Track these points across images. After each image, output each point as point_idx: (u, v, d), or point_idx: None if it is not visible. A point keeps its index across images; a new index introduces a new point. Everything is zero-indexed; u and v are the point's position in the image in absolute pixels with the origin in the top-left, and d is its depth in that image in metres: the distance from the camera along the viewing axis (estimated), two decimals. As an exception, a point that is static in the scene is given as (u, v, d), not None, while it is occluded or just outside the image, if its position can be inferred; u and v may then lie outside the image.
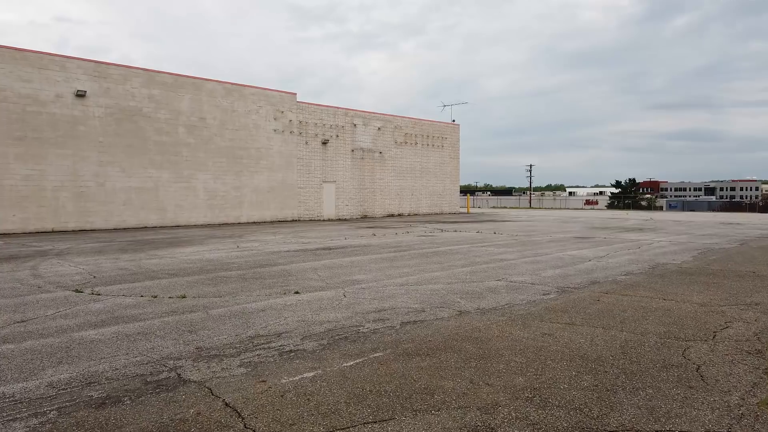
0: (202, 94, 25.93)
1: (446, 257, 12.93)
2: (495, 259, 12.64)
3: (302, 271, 10.60)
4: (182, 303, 7.56)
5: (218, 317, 6.74)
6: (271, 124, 28.72)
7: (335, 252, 13.99)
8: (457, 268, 11.15)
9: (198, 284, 9.12)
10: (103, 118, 22.80)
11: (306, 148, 30.45)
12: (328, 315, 6.88)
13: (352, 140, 33.00)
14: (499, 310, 7.23)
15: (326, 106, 31.62)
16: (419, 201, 37.79)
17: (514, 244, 16.43)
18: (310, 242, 16.75)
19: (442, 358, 5.15)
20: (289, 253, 13.82)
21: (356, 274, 10.30)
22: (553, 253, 13.82)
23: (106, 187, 22.94)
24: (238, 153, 27.40)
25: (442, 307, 7.36)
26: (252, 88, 28.04)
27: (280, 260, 12.31)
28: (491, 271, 10.64)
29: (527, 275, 10.20)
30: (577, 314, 6.98)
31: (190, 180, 25.61)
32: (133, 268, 11.01)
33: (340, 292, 8.40)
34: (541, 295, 8.23)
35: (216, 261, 12.20)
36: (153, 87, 24.29)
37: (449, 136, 40.07)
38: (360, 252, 13.99)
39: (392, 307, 7.33)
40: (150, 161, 24.24)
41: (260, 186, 28.35)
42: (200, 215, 25.96)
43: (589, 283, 9.35)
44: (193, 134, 25.67)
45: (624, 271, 10.84)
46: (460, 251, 14.24)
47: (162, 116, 24.58)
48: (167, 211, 24.81)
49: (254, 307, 7.30)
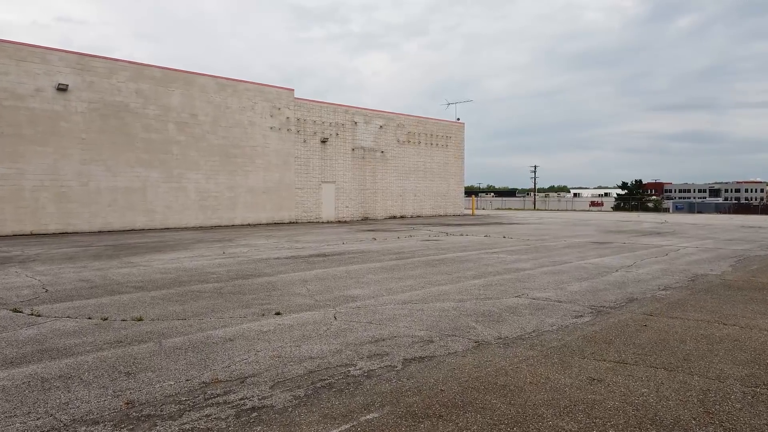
0: (193, 89, 24.55)
1: (454, 266, 11.50)
2: (509, 268, 11.21)
3: (289, 284, 9.18)
4: (134, 329, 6.15)
5: (172, 350, 5.33)
6: (267, 122, 27.31)
7: (330, 260, 12.57)
8: (468, 279, 9.73)
9: (164, 301, 7.71)
10: (86, 114, 21.43)
11: (304, 146, 29.05)
12: (312, 347, 5.47)
13: (352, 139, 31.59)
14: (525, 339, 5.81)
15: (325, 103, 30.21)
16: (422, 202, 36.35)
17: (528, 250, 14.99)
18: (304, 248, 15.34)
19: (461, 422, 3.73)
20: (279, 260, 12.40)
21: (352, 287, 8.88)
22: (573, 262, 12.38)
23: (89, 187, 21.55)
24: (232, 151, 26.00)
25: (454, 336, 5.94)
26: (247, 83, 26.64)
27: (266, 269, 10.90)
28: (508, 284, 9.21)
29: (550, 290, 8.77)
30: (626, 347, 5.55)
31: (181, 180, 24.22)
32: (97, 280, 9.61)
33: (330, 313, 6.99)
34: (574, 318, 6.80)
35: (195, 270, 10.79)
36: (141, 81, 22.91)
37: (454, 135, 38.62)
38: (358, 259, 12.58)
39: (393, 336, 5.92)
40: (137, 160, 22.85)
41: (255, 186, 26.94)
42: (191, 217, 24.57)
43: (626, 301, 7.91)
44: (184, 131, 24.29)
45: (661, 284, 9.40)
46: (469, 258, 12.82)
47: (150, 112, 23.20)
48: (156, 213, 23.43)
49: (221, 335, 5.89)
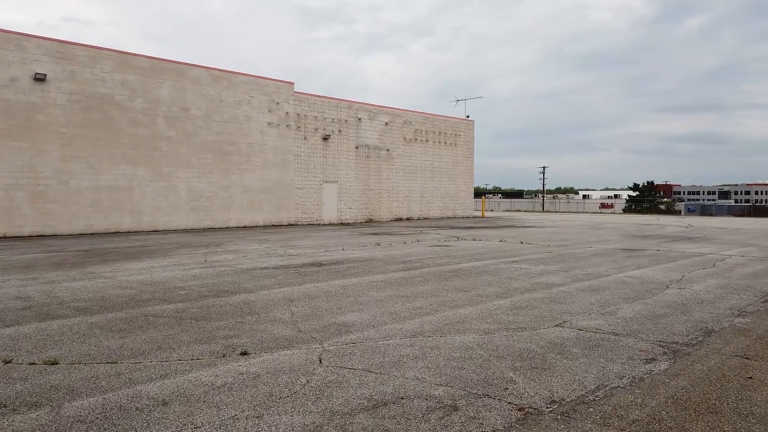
0: (185, 81, 22.84)
1: (471, 280, 9.70)
2: (538, 283, 9.41)
3: (270, 305, 7.42)
4: (37, 380, 4.39)
5: (68, 426, 3.56)
6: (265, 117, 25.58)
7: (326, 270, 10.80)
8: (491, 299, 7.93)
9: (102, 331, 5.95)
10: (66, 107, 19.75)
11: (305, 144, 27.30)
12: (279, 420, 3.68)
13: (356, 136, 29.82)
14: (591, 404, 4.01)
15: (328, 98, 28.46)
16: (430, 203, 34.53)
17: (552, 259, 13.17)
18: (298, 254, 13.59)
19: None
20: (266, 271, 10.64)
21: (347, 311, 7.10)
22: (611, 274, 10.55)
23: (69, 186, 19.88)
24: (227, 148, 24.28)
25: (487, 396, 4.16)
26: (243, 75, 24.91)
27: (248, 284, 9.14)
28: (541, 307, 7.41)
29: (597, 315, 6.96)
30: (743, 420, 3.75)
31: (171, 178, 22.51)
32: (38, 297, 7.87)
33: (315, 353, 5.22)
34: (645, 363, 5.00)
35: (162, 284, 9.04)
36: (127, 72, 21.22)
37: (463, 133, 36.79)
38: (358, 270, 10.80)
39: (399, 396, 4.14)
40: (123, 156, 21.16)
41: (252, 186, 25.20)
42: (182, 218, 22.86)
43: (702, 334, 6.10)
44: (175, 126, 22.58)
45: (731, 307, 7.57)
46: (487, 270, 11.01)
47: (138, 105, 21.50)
48: (143, 214, 21.73)
49: (154, 394, 4.12)
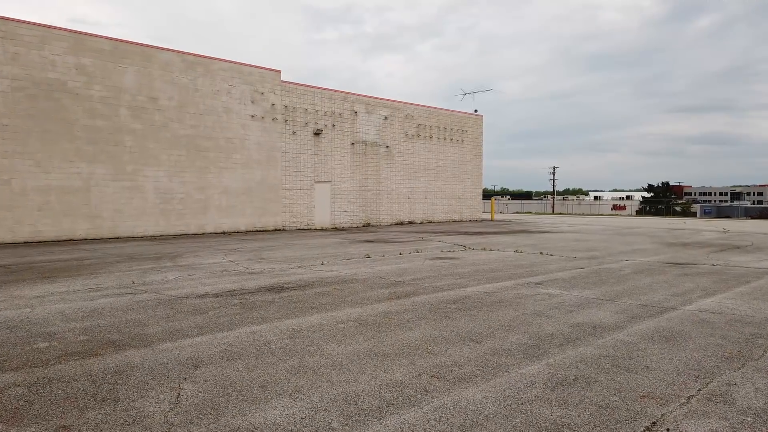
0: (152, 66, 20.03)
1: (483, 318, 6.75)
2: (580, 325, 6.44)
3: (154, 378, 4.50)
4: None
5: None
6: (248, 108, 22.73)
7: (283, 300, 7.88)
8: (515, 362, 4.99)
9: None
10: (8, 94, 16.98)
11: (293, 139, 24.42)
12: None
13: (352, 131, 26.92)
14: None
15: (319, 89, 25.57)
16: (434, 206, 31.56)
17: (586, 278, 10.19)
18: (262, 272, 10.69)
19: None
20: (200, 302, 7.74)
21: (274, 396, 4.18)
22: (676, 306, 7.57)
23: (12, 186, 17.10)
24: (203, 144, 21.45)
25: None
26: (222, 61, 22.08)
27: (155, 327, 6.23)
28: (600, 380, 4.46)
29: (702, 402, 4.00)
30: None
31: (136, 177, 19.70)
32: None
33: None
34: None
35: (32, 326, 6.15)
36: (83, 55, 18.44)
37: (471, 129, 33.80)
38: (327, 300, 7.88)
39: None
40: (77, 152, 18.37)
41: (232, 186, 22.35)
42: (150, 223, 20.04)
43: None
44: (141, 118, 19.77)
45: None
46: (504, 299, 8.06)
47: (96, 93, 18.71)
48: (103, 219, 18.92)
49: None
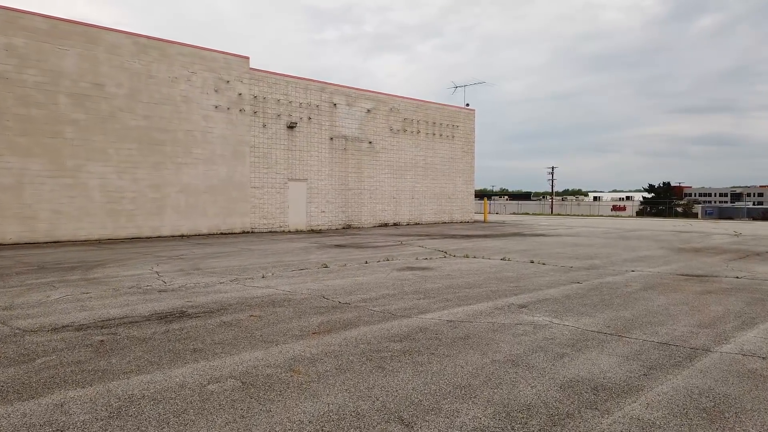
0: (98, 49, 17.85)
1: (431, 374, 4.56)
2: (572, 381, 4.25)
3: None
4: None
5: None
6: (211, 98, 20.55)
7: (165, 337, 5.70)
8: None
9: None
10: None
11: (264, 132, 22.25)
12: None
13: (330, 125, 24.74)
14: None
15: (294, 78, 23.39)
16: (422, 206, 29.39)
17: (584, 298, 8.00)
18: (177, 289, 8.51)
19: None
20: (41, 341, 5.55)
21: None
22: (710, 347, 5.39)
23: (-74, 183, 14.94)
24: (158, 137, 19.26)
25: None
26: (180, 45, 19.90)
27: None
28: None
29: None
30: None
31: (79, 174, 17.52)
32: None
33: None
34: None
35: None
36: (14, 35, 16.26)
37: (462, 124, 31.64)
38: (226, 337, 5.69)
39: None
40: (8, 144, 16.19)
41: (192, 184, 20.17)
42: (95, 226, 17.84)
43: None
44: (84, 107, 17.59)
45: None
46: (471, 334, 5.88)
47: (29, 78, 16.53)
48: (38, 220, 16.73)
49: None
